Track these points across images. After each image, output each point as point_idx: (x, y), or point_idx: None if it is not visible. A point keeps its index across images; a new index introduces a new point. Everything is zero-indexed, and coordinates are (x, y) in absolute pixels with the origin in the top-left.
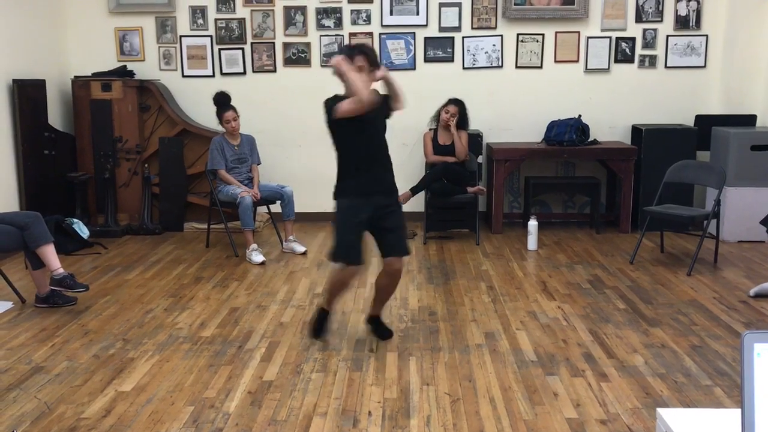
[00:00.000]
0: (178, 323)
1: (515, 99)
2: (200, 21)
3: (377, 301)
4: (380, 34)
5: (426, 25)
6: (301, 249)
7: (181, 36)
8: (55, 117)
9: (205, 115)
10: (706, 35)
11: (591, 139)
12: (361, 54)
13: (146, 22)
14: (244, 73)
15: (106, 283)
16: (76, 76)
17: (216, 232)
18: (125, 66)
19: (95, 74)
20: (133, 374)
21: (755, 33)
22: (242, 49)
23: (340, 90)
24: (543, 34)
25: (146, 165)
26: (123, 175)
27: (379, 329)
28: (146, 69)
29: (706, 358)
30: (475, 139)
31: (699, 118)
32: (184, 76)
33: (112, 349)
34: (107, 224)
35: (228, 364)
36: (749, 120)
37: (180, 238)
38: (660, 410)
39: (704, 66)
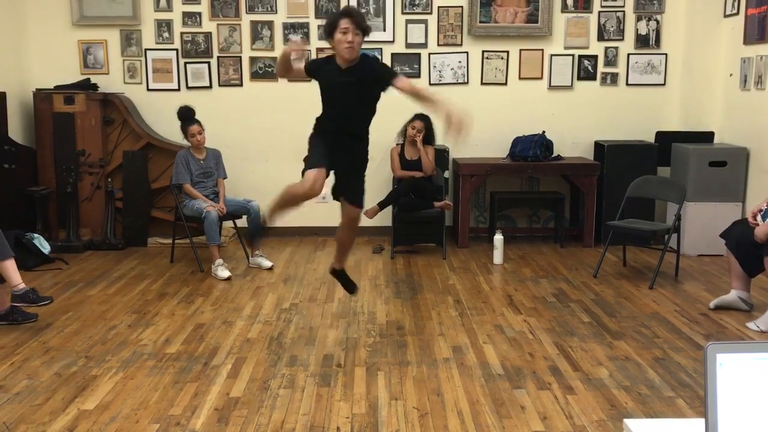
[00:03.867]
0: (143, 340)
1: (481, 115)
2: (166, 34)
3: (339, 254)
4: None
5: (393, 41)
6: (267, 264)
7: (146, 49)
8: (16, 130)
9: (170, 129)
10: (666, 54)
11: (555, 154)
12: (347, 16)
13: (110, 35)
14: (210, 87)
15: (68, 300)
16: (37, 89)
17: (181, 247)
18: (89, 79)
19: (58, 87)
20: (96, 392)
21: (712, 52)
22: (208, 62)
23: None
24: (508, 52)
25: (110, 179)
26: (86, 189)
27: (345, 282)
28: (110, 82)
29: (669, 369)
30: (442, 154)
31: (659, 135)
32: (149, 89)
33: (75, 367)
34: (69, 239)
35: (194, 381)
36: (707, 137)
37: (144, 254)
38: (627, 421)
39: (664, 84)
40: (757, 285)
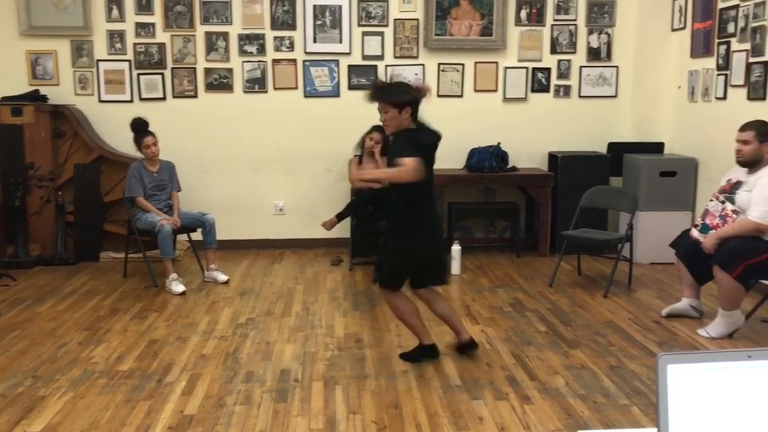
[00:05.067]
0: (94, 357)
1: (437, 127)
2: (118, 45)
3: (454, 325)
4: (304, 61)
5: (349, 53)
6: (223, 278)
7: (98, 60)
8: None
9: (123, 141)
10: (617, 66)
11: (510, 165)
12: (372, 98)
13: (61, 46)
14: (164, 98)
15: (15, 317)
16: None
17: (134, 261)
18: (38, 90)
19: (5, 98)
20: (44, 413)
21: (661, 65)
22: (162, 74)
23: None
24: (463, 64)
25: (60, 192)
26: (35, 203)
27: (465, 348)
28: (61, 93)
29: (623, 377)
30: None
31: (611, 146)
32: (101, 101)
33: (21, 387)
34: (17, 255)
35: (147, 399)
36: (658, 147)
37: (96, 269)
38: None
39: (615, 96)
40: (707, 293)
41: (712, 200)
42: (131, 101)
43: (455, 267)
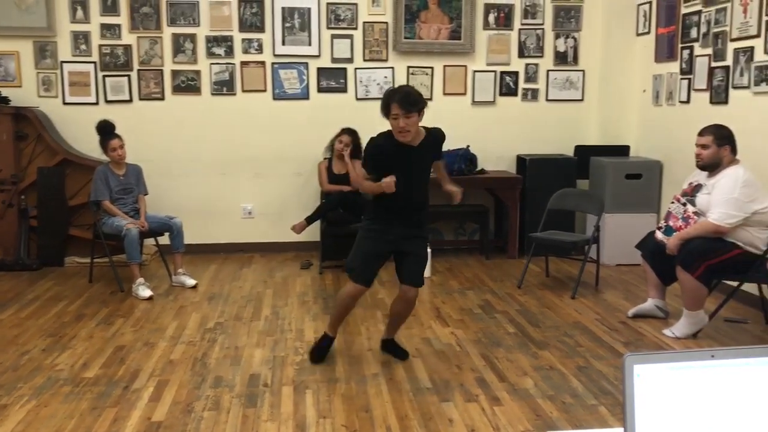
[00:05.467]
0: (58, 365)
1: None
2: (83, 46)
3: (390, 325)
4: (272, 63)
5: (319, 56)
6: (191, 282)
7: (62, 61)
8: None
9: (88, 144)
10: (583, 70)
11: (479, 168)
12: (395, 102)
13: (23, 47)
14: (131, 100)
15: None
16: None
17: (100, 266)
18: None
19: None
20: (6, 423)
21: (627, 69)
22: (128, 76)
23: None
24: (432, 68)
25: (23, 196)
26: None
27: (395, 351)
28: (23, 95)
29: (591, 378)
30: None
31: (578, 149)
32: (65, 103)
33: None
34: None
35: (113, 406)
36: (623, 150)
37: (60, 274)
38: None
39: (582, 99)
40: (672, 293)
41: (673, 202)
42: (97, 103)
43: (426, 269)
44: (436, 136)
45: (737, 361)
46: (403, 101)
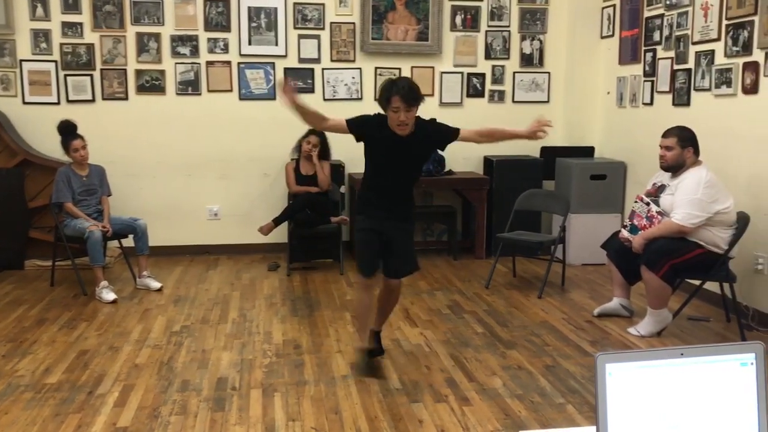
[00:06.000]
0: (19, 370)
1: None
2: (43, 45)
3: (378, 316)
4: (239, 63)
5: (285, 56)
6: (156, 285)
7: (21, 60)
8: None
9: (49, 145)
10: (549, 72)
11: (447, 169)
12: (397, 95)
13: None
14: (93, 100)
15: None
16: None
17: (62, 269)
18: None
19: None
20: None
21: (591, 71)
22: (91, 75)
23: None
24: (400, 69)
25: None
26: None
27: (377, 348)
28: None
29: (559, 377)
30: (338, 169)
31: (544, 150)
32: (25, 102)
33: None
34: None
35: (77, 412)
36: (588, 151)
37: (21, 277)
38: None
39: (547, 101)
40: (637, 292)
41: (636, 202)
42: (58, 103)
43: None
44: (428, 130)
45: (705, 358)
46: (407, 95)
